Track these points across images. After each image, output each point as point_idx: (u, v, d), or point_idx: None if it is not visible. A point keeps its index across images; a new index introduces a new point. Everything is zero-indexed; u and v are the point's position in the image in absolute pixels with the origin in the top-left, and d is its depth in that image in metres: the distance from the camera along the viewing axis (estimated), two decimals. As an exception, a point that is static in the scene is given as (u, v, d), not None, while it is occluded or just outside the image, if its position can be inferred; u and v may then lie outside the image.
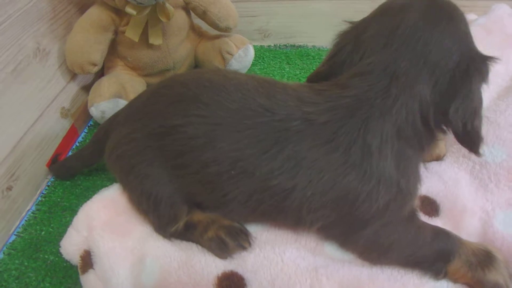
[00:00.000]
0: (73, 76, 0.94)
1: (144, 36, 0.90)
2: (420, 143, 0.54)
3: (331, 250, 0.58)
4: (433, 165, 0.71)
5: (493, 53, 0.96)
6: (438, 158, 0.73)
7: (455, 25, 0.54)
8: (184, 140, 0.56)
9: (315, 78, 0.61)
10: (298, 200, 0.53)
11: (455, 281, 0.55)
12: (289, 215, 0.55)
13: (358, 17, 1.27)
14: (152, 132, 0.59)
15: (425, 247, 0.54)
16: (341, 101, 0.53)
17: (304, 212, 0.53)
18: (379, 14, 0.57)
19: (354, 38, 0.57)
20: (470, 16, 1.04)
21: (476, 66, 0.53)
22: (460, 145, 0.61)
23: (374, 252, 0.55)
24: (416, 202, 0.62)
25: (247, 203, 0.55)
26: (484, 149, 0.69)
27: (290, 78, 1.07)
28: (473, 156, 0.68)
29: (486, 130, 0.73)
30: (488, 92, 0.83)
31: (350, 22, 0.61)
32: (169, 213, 0.60)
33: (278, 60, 1.14)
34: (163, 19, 0.86)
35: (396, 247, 0.54)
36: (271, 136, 0.53)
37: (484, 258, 0.54)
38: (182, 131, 0.56)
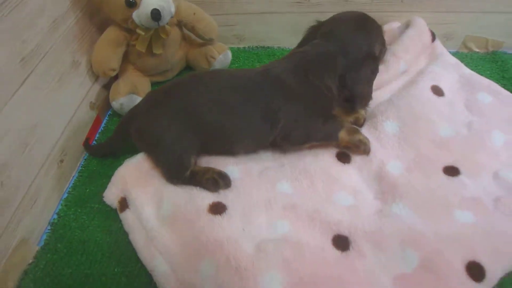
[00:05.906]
0: (97, 78, 1.22)
1: (149, 47, 1.18)
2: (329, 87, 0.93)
3: (279, 187, 0.90)
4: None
5: (413, 56, 1.23)
6: (358, 124, 1.05)
7: (367, 33, 0.96)
8: (199, 108, 0.91)
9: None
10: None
11: (344, 145, 0.96)
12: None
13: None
14: (177, 108, 0.92)
15: (325, 128, 0.95)
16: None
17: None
18: (330, 20, 1.00)
19: (314, 29, 1.00)
20: (394, 24, 1.33)
21: (369, 59, 0.94)
22: (371, 122, 0.98)
23: (300, 139, 0.95)
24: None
25: (241, 139, 0.95)
26: (387, 123, 1.02)
27: (261, 74, 1.37)
28: (379, 127, 1.02)
29: (390, 110, 1.05)
30: (396, 84, 1.16)
31: (317, 21, 1.03)
32: (184, 163, 0.91)
33: (251, 59, 1.40)
34: (163, 36, 1.16)
35: (312, 135, 0.95)
36: (249, 90, 0.90)
37: (354, 130, 0.96)
38: (197, 103, 0.92)
